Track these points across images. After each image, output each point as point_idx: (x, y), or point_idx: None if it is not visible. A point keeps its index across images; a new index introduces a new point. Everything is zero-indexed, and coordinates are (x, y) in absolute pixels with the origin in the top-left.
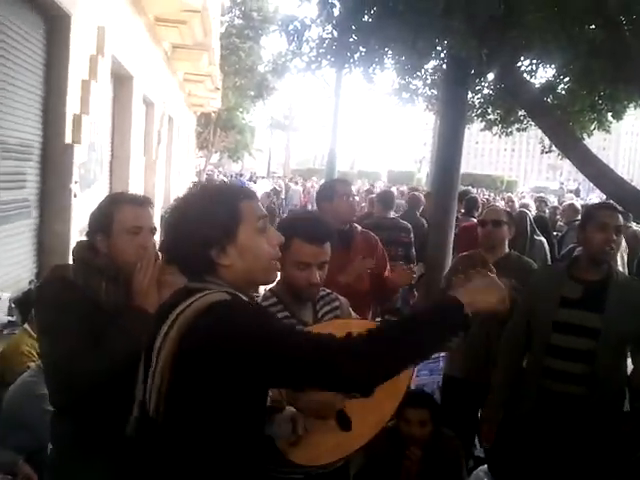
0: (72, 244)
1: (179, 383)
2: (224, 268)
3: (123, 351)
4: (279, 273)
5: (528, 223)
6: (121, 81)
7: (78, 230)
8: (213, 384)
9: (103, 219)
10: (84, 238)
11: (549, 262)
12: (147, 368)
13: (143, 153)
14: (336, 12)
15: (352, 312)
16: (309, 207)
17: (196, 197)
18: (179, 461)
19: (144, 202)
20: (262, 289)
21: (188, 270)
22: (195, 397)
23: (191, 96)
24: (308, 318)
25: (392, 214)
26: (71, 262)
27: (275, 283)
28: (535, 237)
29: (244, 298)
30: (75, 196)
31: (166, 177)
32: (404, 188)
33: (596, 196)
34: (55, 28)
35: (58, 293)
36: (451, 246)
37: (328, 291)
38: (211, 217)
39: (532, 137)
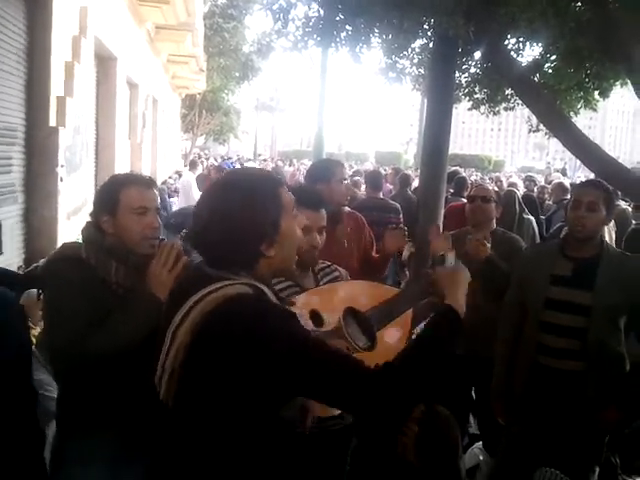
0: (60, 228)
1: (191, 372)
2: (266, 259)
3: (128, 335)
4: None
5: (517, 202)
6: (104, 62)
7: (65, 214)
8: (229, 378)
9: (108, 200)
10: (73, 220)
11: (538, 241)
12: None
13: (128, 136)
14: None
15: None
16: None
17: (239, 187)
18: (188, 446)
19: (149, 183)
20: None
21: (223, 261)
22: (208, 389)
23: (175, 78)
24: (310, 286)
25: (380, 194)
26: (81, 242)
27: None
28: (524, 216)
29: (266, 290)
30: (61, 180)
31: (152, 160)
32: (389, 170)
33: (584, 175)
34: (36, 9)
35: (69, 270)
36: (441, 226)
37: (328, 263)
38: (262, 210)
39: (518, 117)
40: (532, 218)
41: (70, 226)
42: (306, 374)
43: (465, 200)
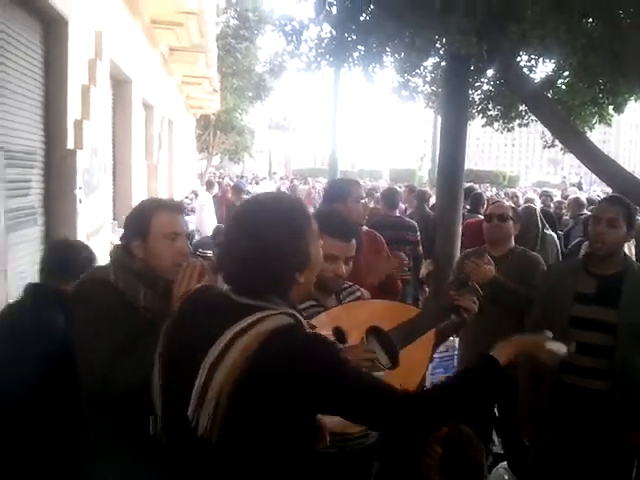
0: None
1: (241, 408)
2: (297, 286)
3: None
4: None
5: (538, 218)
6: (120, 85)
7: (84, 235)
8: (277, 411)
9: (140, 224)
10: (92, 241)
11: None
12: (185, 378)
13: (145, 157)
14: (334, 11)
15: None
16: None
17: (278, 217)
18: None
19: (179, 208)
20: None
21: (257, 288)
22: (257, 422)
23: (190, 98)
24: (333, 306)
25: (397, 212)
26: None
27: None
28: (546, 232)
29: (298, 315)
30: (80, 202)
31: (168, 180)
32: (403, 188)
33: (600, 190)
34: (53, 33)
35: (98, 294)
36: (459, 242)
37: (350, 283)
38: (302, 241)
39: (532, 132)
40: (554, 234)
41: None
42: (346, 401)
43: (482, 216)
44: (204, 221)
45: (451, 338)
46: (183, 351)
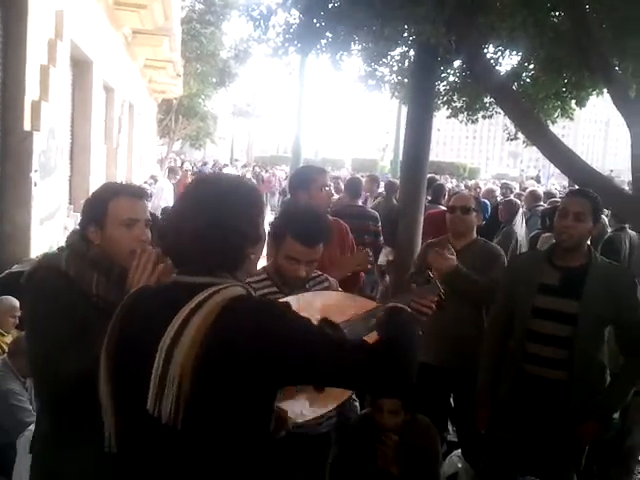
0: (33, 234)
1: (205, 386)
2: (247, 261)
3: None
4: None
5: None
6: (80, 66)
7: (39, 219)
8: (242, 384)
9: (97, 210)
10: (46, 225)
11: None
12: (139, 368)
13: (104, 141)
14: None
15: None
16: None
17: (226, 195)
18: (200, 465)
19: (140, 193)
20: None
21: (210, 264)
22: (223, 400)
23: (152, 82)
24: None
25: (359, 202)
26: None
27: (268, 264)
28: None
29: (249, 287)
30: (35, 185)
31: (128, 165)
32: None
33: (558, 183)
34: (11, 11)
35: (49, 282)
36: (420, 232)
37: (319, 272)
38: (257, 217)
39: (493, 124)
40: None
41: (43, 232)
42: (320, 361)
43: (443, 207)
44: (161, 206)
45: None
46: (134, 341)
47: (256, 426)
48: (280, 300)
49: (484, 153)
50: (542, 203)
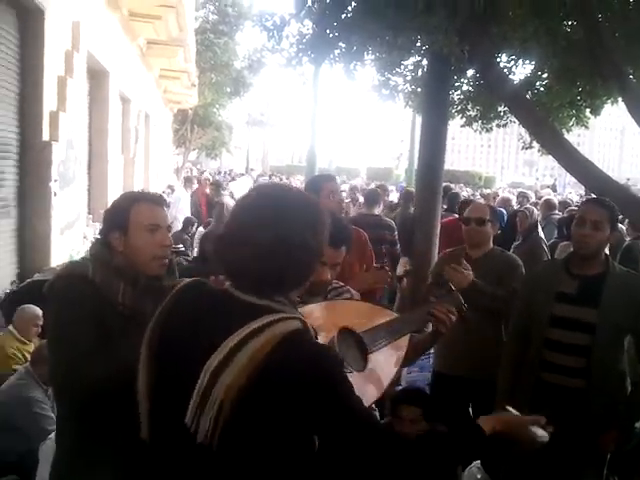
0: (53, 243)
1: (245, 414)
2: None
3: (129, 360)
4: None
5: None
6: (97, 77)
7: (59, 228)
8: (282, 420)
9: (119, 217)
10: (66, 234)
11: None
12: (180, 380)
13: (121, 151)
14: (316, 7)
15: None
16: None
17: (302, 212)
18: None
19: (160, 200)
20: None
21: (258, 287)
22: (260, 431)
23: (167, 93)
24: None
25: (376, 211)
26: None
27: None
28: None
29: (305, 320)
30: (55, 194)
31: (144, 174)
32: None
33: (575, 192)
34: (29, 23)
35: (74, 289)
36: (437, 241)
37: (341, 283)
38: (321, 237)
39: (508, 133)
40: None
41: (63, 241)
42: (341, 424)
43: (457, 215)
44: (177, 217)
45: None
46: (177, 349)
47: (290, 463)
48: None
49: (499, 162)
50: (557, 212)
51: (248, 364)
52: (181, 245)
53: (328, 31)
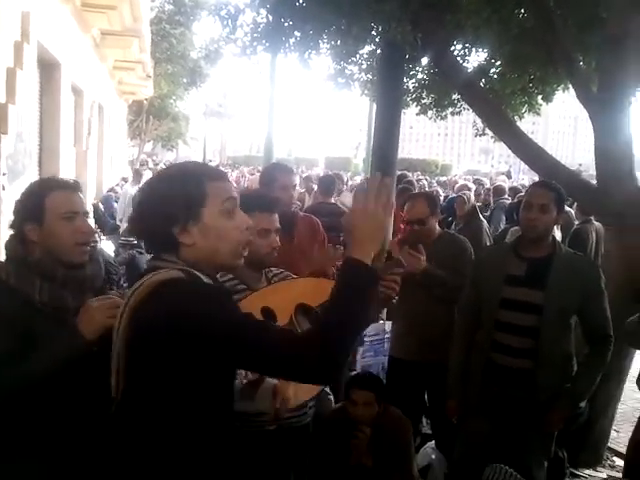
0: (2, 238)
1: (135, 363)
2: (186, 247)
3: (40, 372)
4: None
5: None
6: (48, 68)
7: (7, 223)
8: (167, 363)
9: (33, 207)
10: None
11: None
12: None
13: (73, 143)
14: None
15: None
16: None
17: (164, 175)
18: (137, 439)
19: (75, 186)
20: None
21: (151, 247)
22: (151, 376)
23: (122, 84)
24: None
25: (332, 200)
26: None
27: None
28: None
29: (204, 279)
30: (3, 189)
31: (98, 167)
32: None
33: (528, 178)
34: None
35: None
36: (391, 229)
37: (282, 269)
38: (175, 194)
39: (464, 121)
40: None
41: None
42: (245, 350)
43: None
44: (128, 212)
45: (381, 321)
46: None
47: (195, 410)
48: (253, 293)
49: (455, 150)
50: (507, 197)
51: (128, 315)
52: (133, 238)
53: (283, 20)
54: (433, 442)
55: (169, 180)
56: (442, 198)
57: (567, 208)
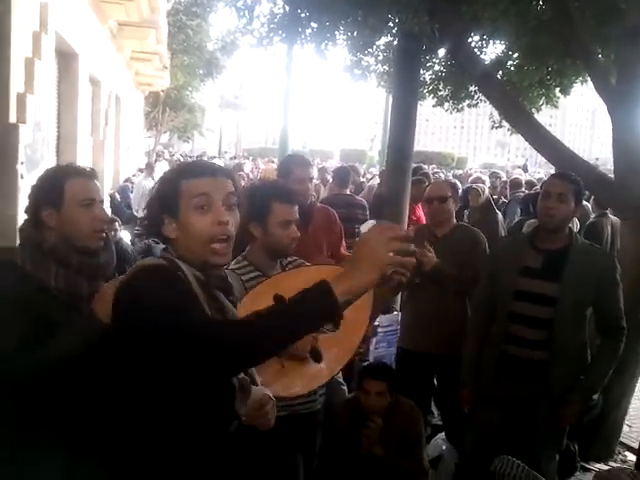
0: (19, 226)
1: (119, 341)
2: (174, 241)
3: (59, 358)
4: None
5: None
6: (66, 59)
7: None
8: (130, 350)
9: (52, 192)
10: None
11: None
12: None
13: (90, 133)
14: None
15: None
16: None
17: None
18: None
19: (92, 174)
20: None
21: (157, 240)
22: (124, 362)
23: (139, 75)
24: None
25: (347, 191)
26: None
27: (247, 250)
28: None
29: (185, 269)
30: (22, 177)
31: (114, 158)
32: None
33: (544, 172)
34: None
35: (3, 279)
36: (406, 220)
37: (296, 257)
38: (159, 195)
39: (481, 114)
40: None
41: None
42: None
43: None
44: (141, 203)
45: (395, 312)
46: None
47: (159, 402)
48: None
49: (472, 143)
50: (524, 190)
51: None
52: None
53: (299, 10)
54: (444, 433)
55: (158, 182)
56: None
57: (584, 202)
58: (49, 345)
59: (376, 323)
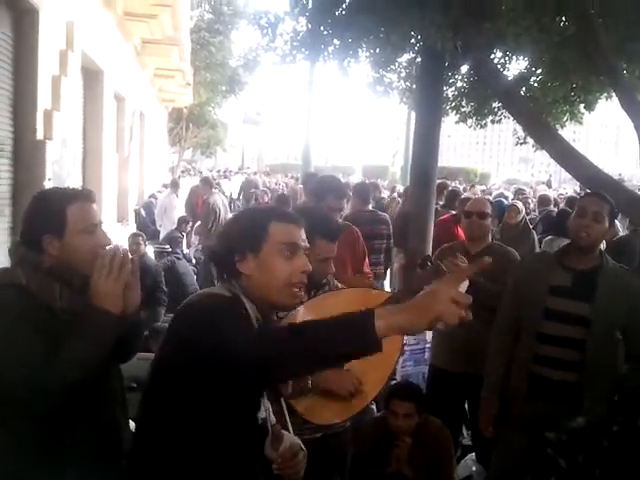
0: None
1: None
2: (245, 277)
3: (91, 357)
4: None
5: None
6: (91, 76)
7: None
8: (179, 375)
9: (54, 220)
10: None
11: None
12: None
13: (115, 149)
14: (310, 4)
15: None
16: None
17: (241, 212)
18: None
19: (92, 197)
20: None
21: (219, 271)
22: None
23: (162, 92)
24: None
25: (369, 207)
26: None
27: None
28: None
29: (248, 306)
30: None
31: (139, 173)
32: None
33: (571, 188)
34: (23, 23)
35: (10, 299)
36: (431, 236)
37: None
38: (243, 227)
39: (503, 130)
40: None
41: None
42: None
43: (453, 212)
44: (164, 225)
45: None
46: None
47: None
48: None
49: (494, 158)
50: (553, 207)
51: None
52: (168, 245)
53: (322, 28)
54: (474, 454)
55: (242, 215)
56: None
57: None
58: (67, 359)
59: (404, 341)
